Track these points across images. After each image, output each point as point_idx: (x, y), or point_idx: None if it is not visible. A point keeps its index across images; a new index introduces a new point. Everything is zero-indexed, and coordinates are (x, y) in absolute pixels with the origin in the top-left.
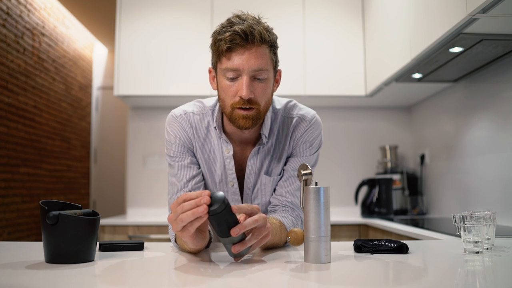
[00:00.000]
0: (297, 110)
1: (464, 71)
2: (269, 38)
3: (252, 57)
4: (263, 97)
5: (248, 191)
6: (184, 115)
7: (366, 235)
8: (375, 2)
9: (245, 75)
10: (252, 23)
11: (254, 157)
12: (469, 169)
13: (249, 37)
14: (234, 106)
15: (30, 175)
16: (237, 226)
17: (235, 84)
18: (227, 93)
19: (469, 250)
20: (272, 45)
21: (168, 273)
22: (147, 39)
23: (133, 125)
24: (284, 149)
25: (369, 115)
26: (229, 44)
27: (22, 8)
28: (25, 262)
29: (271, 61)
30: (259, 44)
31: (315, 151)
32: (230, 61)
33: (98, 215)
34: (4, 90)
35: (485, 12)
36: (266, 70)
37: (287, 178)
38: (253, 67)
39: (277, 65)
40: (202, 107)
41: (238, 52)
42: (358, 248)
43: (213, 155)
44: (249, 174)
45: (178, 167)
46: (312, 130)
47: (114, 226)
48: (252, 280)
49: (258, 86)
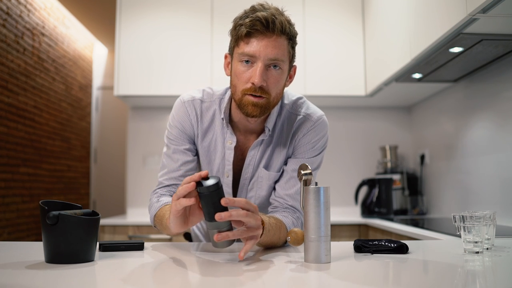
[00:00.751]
0: (304, 109)
1: (464, 71)
2: (289, 30)
3: (270, 45)
4: (274, 88)
5: (245, 181)
6: (192, 101)
7: (366, 235)
8: (375, 2)
9: (260, 62)
10: (275, 12)
11: (255, 148)
12: (469, 169)
13: (270, 25)
14: (245, 92)
15: (30, 175)
16: (223, 212)
17: (249, 70)
18: (240, 78)
19: (469, 250)
20: (291, 38)
21: (168, 273)
22: (147, 39)
23: (133, 125)
24: (285, 146)
25: (369, 115)
26: (249, 29)
27: (22, 8)
28: (25, 262)
29: (288, 53)
30: (278, 34)
31: (318, 153)
32: (247, 46)
33: (98, 215)
34: (4, 90)
35: (485, 12)
36: (282, 61)
37: (288, 180)
38: (269, 55)
39: (293, 59)
40: (211, 94)
41: (257, 38)
42: (358, 248)
43: (214, 144)
44: (248, 164)
45: (173, 150)
46: (315, 132)
47: (114, 226)
48: (252, 280)
49: (272, 76)
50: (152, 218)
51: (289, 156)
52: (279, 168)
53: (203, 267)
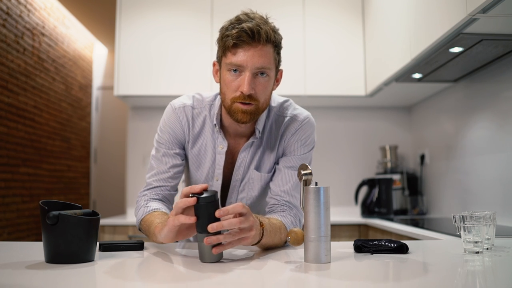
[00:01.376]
0: (291, 110)
1: (464, 71)
2: (274, 38)
3: (257, 55)
4: (263, 94)
5: (235, 183)
6: (183, 108)
7: (366, 235)
8: (375, 2)
9: (248, 72)
10: (260, 22)
11: (246, 150)
12: (469, 169)
13: (256, 36)
14: (234, 100)
15: (30, 175)
16: (215, 223)
17: (238, 79)
18: (229, 87)
19: (469, 250)
20: (277, 45)
21: (168, 273)
22: (147, 39)
23: (133, 125)
24: (274, 147)
25: (369, 115)
26: (236, 41)
27: (22, 8)
28: (25, 262)
29: (274, 60)
30: (264, 43)
31: (309, 151)
32: (235, 57)
33: (98, 215)
34: (4, 90)
35: (485, 12)
36: (268, 68)
37: (282, 177)
38: (256, 64)
39: (279, 64)
40: (201, 100)
41: (243, 48)
42: (358, 248)
43: (204, 149)
44: (238, 166)
45: (163, 153)
46: (303, 130)
47: (114, 226)
48: (252, 280)
49: (259, 83)
50: (139, 222)
51: (279, 157)
52: (270, 169)
53: (204, 267)
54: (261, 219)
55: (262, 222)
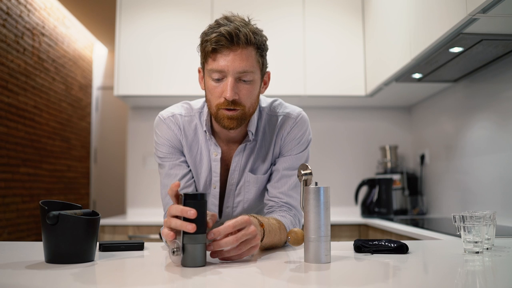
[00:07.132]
0: (282, 109)
1: (464, 71)
2: (255, 40)
3: (237, 58)
4: (248, 99)
5: (231, 187)
6: (172, 117)
7: (366, 235)
8: (375, 2)
9: (230, 77)
10: (239, 24)
11: (240, 153)
12: (469, 169)
13: (235, 39)
14: (219, 106)
15: (30, 175)
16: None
17: (220, 85)
18: (212, 94)
19: (469, 250)
20: (259, 47)
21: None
22: (147, 39)
23: (133, 125)
24: (269, 148)
25: (369, 115)
26: (215, 45)
27: (22, 8)
28: (25, 262)
29: (257, 63)
30: (244, 46)
31: (305, 148)
32: (215, 62)
33: (98, 215)
34: (4, 90)
35: (485, 12)
36: (251, 72)
37: (279, 178)
38: (238, 68)
39: (264, 67)
40: (189, 109)
41: (223, 53)
42: (358, 248)
43: (199, 157)
44: (233, 170)
45: (169, 166)
46: (298, 128)
47: (114, 226)
48: (252, 280)
49: (243, 88)
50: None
51: (276, 157)
52: (266, 170)
53: (203, 267)
54: (260, 219)
55: (262, 222)
